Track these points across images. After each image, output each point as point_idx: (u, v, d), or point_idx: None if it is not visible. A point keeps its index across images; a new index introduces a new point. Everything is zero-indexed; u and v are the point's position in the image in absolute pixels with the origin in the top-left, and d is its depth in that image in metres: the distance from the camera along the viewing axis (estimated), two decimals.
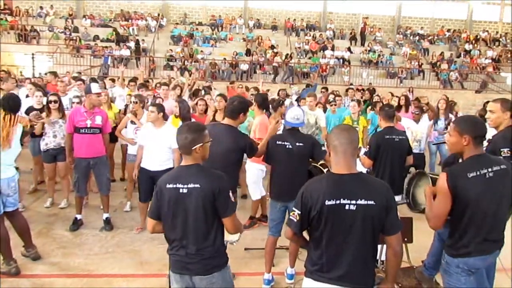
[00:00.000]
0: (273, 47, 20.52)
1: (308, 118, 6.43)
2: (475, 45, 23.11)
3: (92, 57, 18.13)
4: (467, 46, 22.86)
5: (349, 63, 20.07)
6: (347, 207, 2.10)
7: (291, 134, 3.81)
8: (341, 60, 20.31)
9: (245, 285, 3.90)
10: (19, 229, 4.18)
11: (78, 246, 4.65)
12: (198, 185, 2.37)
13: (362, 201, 2.10)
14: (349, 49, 21.24)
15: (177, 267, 2.50)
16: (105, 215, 5.17)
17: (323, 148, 3.87)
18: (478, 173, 2.38)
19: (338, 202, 2.10)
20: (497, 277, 2.74)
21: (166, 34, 21.30)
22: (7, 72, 9.59)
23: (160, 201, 2.46)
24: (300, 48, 21.00)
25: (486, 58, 22.14)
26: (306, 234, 2.34)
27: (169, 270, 2.58)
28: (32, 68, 16.60)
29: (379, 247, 3.00)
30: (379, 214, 2.13)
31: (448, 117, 7.24)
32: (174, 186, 2.41)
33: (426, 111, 7.02)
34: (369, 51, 21.01)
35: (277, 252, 4.06)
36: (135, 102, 5.61)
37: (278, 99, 7.03)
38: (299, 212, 2.20)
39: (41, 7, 21.19)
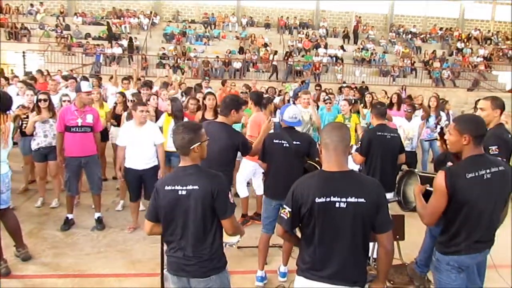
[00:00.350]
0: (266, 45, 20.48)
1: (303, 115, 6.43)
2: (467, 43, 23.26)
3: (84, 55, 17.95)
4: (459, 45, 23.00)
5: (342, 61, 20.09)
6: (337, 204, 2.09)
7: (288, 133, 3.81)
8: (334, 58, 20.35)
9: (238, 283, 3.88)
10: (10, 228, 4.12)
11: (70, 246, 4.61)
12: (197, 187, 2.35)
13: (353, 199, 2.09)
14: (342, 47, 21.26)
15: (174, 268, 2.47)
16: (97, 215, 5.14)
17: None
18: (476, 174, 2.37)
19: (328, 199, 2.09)
20: (488, 274, 2.75)
21: (159, 32, 21.15)
22: None
23: (158, 203, 2.42)
24: (293, 46, 21.00)
25: (478, 56, 22.32)
26: (299, 232, 2.34)
27: (163, 270, 2.56)
28: (23, 67, 16.41)
29: (371, 244, 3.01)
30: (370, 211, 2.12)
31: (439, 115, 7.31)
32: (173, 188, 2.38)
33: (419, 109, 7.06)
34: (362, 49, 21.05)
35: (270, 251, 4.06)
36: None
37: (267, 96, 7.07)
38: (289, 209, 2.19)
39: (32, 5, 20.93)
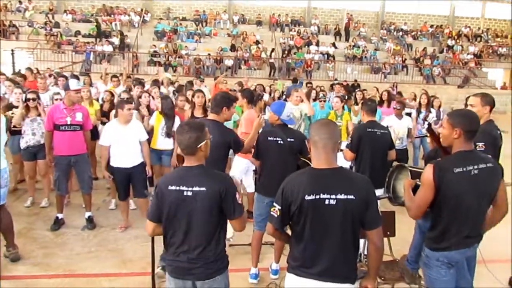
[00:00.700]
0: (257, 42, 20.46)
1: (293, 113, 6.45)
2: (458, 40, 23.47)
3: (73, 53, 17.78)
4: (450, 42, 23.21)
5: (334, 59, 20.16)
6: (327, 201, 2.09)
7: (282, 130, 3.80)
8: (326, 56, 20.41)
9: (230, 282, 3.86)
10: (3, 226, 4.05)
11: (60, 245, 4.56)
12: (204, 188, 2.29)
13: (342, 196, 2.09)
14: (334, 45, 21.33)
15: (178, 273, 2.40)
16: (87, 214, 5.09)
17: None
18: (464, 169, 2.38)
19: (317, 197, 2.09)
20: (478, 269, 2.77)
21: (150, 30, 21.03)
22: None
23: (160, 203, 2.36)
24: (285, 43, 21.00)
25: (468, 53, 22.55)
26: (289, 230, 2.33)
27: (154, 269, 2.52)
28: (12, 65, 16.19)
29: (362, 241, 3.02)
30: (359, 208, 2.12)
31: (429, 111, 7.43)
32: (178, 188, 2.32)
33: (408, 106, 7.14)
34: (354, 46, 21.14)
35: (262, 248, 4.05)
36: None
37: (257, 93, 7.08)
38: (279, 207, 2.19)
39: (20, 2, 20.66)
